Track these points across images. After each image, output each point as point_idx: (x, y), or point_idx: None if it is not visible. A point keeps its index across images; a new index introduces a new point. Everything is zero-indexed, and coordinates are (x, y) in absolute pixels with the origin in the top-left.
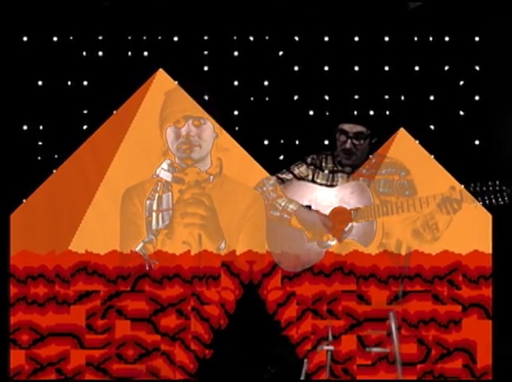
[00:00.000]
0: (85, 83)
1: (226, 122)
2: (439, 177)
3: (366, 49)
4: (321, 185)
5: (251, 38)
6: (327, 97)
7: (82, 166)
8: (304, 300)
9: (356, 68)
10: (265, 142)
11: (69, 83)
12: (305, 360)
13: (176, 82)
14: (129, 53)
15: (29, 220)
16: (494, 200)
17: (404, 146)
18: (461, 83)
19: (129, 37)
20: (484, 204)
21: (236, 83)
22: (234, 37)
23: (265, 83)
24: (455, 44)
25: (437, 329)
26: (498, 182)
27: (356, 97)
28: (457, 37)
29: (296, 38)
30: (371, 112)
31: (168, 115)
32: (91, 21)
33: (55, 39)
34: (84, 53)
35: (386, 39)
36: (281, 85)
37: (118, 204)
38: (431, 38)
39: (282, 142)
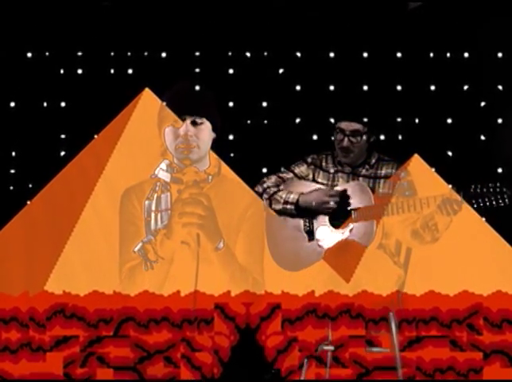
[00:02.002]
0: (62, 104)
1: (220, 145)
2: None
3: (376, 66)
4: (322, 184)
5: (248, 54)
6: (332, 120)
7: (59, 196)
8: (307, 346)
9: (365, 88)
10: (264, 170)
11: (45, 104)
12: (305, 361)
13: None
14: (112, 71)
15: None
16: (494, 202)
17: (418, 175)
18: (482, 104)
19: (112, 53)
20: (484, 206)
21: (231, 104)
22: (229, 53)
23: (264, 104)
24: (475, 61)
25: (456, 378)
26: (498, 184)
27: (365, 120)
28: (478, 53)
29: (298, 54)
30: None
31: (167, 115)
32: (69, 34)
33: (29, 55)
34: (62, 71)
35: (399, 55)
36: (282, 106)
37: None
38: (448, 54)
39: (282, 170)
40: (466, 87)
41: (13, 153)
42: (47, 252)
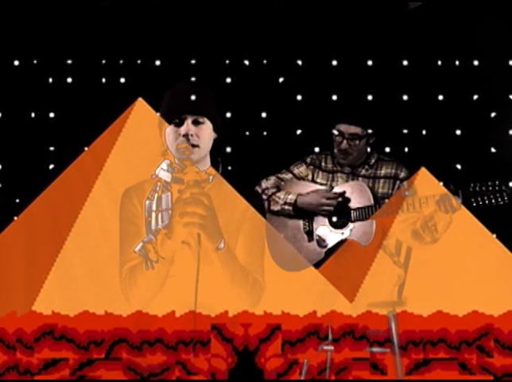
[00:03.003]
0: (51, 114)
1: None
2: (467, 226)
3: (381, 75)
4: (321, 184)
5: (246, 62)
6: (335, 131)
7: (44, 213)
8: (309, 369)
9: (370, 98)
10: (263, 185)
11: (33, 114)
12: (305, 361)
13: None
14: (104, 80)
15: None
16: (493, 200)
17: (426, 189)
18: (493, 114)
19: (104, 61)
20: (484, 204)
21: (229, 114)
22: (227, 61)
23: (263, 114)
24: (485, 69)
25: None
26: (497, 182)
27: (370, 131)
28: (488, 60)
29: (299, 62)
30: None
31: (167, 115)
32: (58, 41)
33: (16, 63)
34: (50, 79)
35: (405, 63)
36: (282, 117)
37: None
38: (457, 62)
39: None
40: (475, 97)
41: (0, 167)
42: (34, 271)
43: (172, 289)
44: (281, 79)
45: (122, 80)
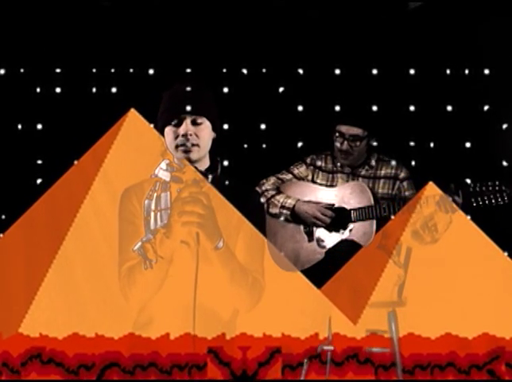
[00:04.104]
0: (39, 126)
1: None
2: (478, 244)
3: (386, 84)
4: (321, 185)
5: (244, 71)
6: (338, 144)
7: (29, 231)
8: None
9: (375, 108)
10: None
11: (19, 126)
12: (305, 361)
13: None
14: (94, 89)
15: None
16: (493, 201)
17: (434, 204)
18: (504, 126)
19: (94, 70)
20: (484, 204)
21: (226, 126)
22: (224, 70)
23: (262, 126)
24: (496, 79)
25: None
26: (497, 182)
27: (374, 144)
28: (499, 69)
29: (301, 71)
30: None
31: (166, 114)
32: (46, 49)
33: (1, 72)
34: (38, 89)
35: (412, 72)
36: (282, 129)
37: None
38: (467, 71)
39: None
40: (486, 108)
41: None
42: (21, 291)
43: (171, 288)
44: (281, 89)
45: (114, 90)
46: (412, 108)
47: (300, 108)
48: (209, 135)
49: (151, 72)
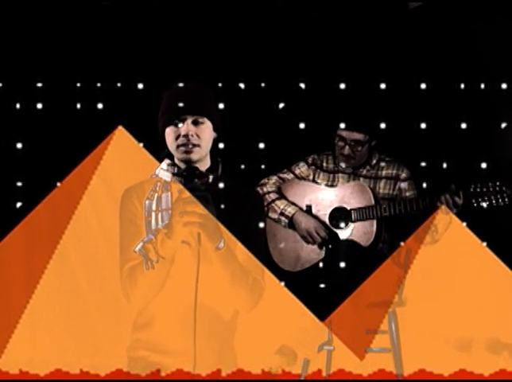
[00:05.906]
0: (19, 145)
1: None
2: (490, 268)
3: (395, 100)
4: (322, 184)
5: (242, 85)
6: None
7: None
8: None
9: (383, 126)
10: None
11: None
12: (305, 360)
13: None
14: (79, 105)
15: None
16: (494, 201)
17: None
18: None
19: (79, 84)
20: (485, 205)
21: (222, 145)
22: (219, 84)
23: (261, 145)
24: None
25: None
26: (498, 183)
27: (382, 164)
28: None
29: (302, 85)
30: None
31: (167, 115)
32: (27, 62)
33: None
34: (18, 105)
35: (423, 86)
36: (282, 148)
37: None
38: (483, 85)
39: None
40: (504, 125)
41: None
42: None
43: (172, 288)
44: (281, 105)
45: (100, 106)
46: (423, 125)
47: (301, 126)
48: (210, 135)
49: (140, 86)
